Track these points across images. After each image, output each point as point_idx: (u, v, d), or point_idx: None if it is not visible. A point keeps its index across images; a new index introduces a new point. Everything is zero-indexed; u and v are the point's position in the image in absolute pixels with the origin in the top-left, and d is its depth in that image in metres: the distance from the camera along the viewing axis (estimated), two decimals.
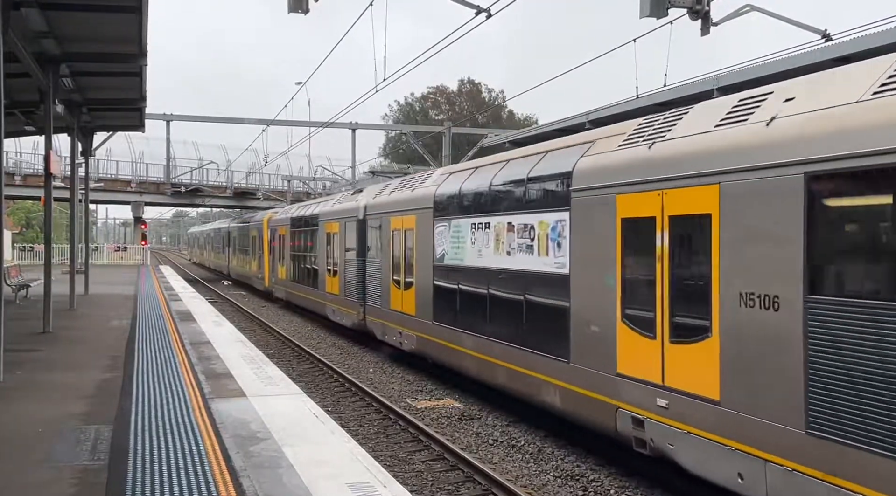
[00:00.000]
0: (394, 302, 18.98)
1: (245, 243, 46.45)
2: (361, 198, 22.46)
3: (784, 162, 7.33)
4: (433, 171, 18.67)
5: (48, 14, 14.33)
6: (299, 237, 30.94)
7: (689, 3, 13.25)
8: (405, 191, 18.95)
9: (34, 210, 79.64)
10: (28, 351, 14.18)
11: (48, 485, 6.76)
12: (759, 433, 7.52)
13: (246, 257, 46.24)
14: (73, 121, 22.52)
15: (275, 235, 36.25)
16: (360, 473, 7.07)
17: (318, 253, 27.30)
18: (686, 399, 8.55)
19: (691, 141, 8.75)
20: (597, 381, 10.22)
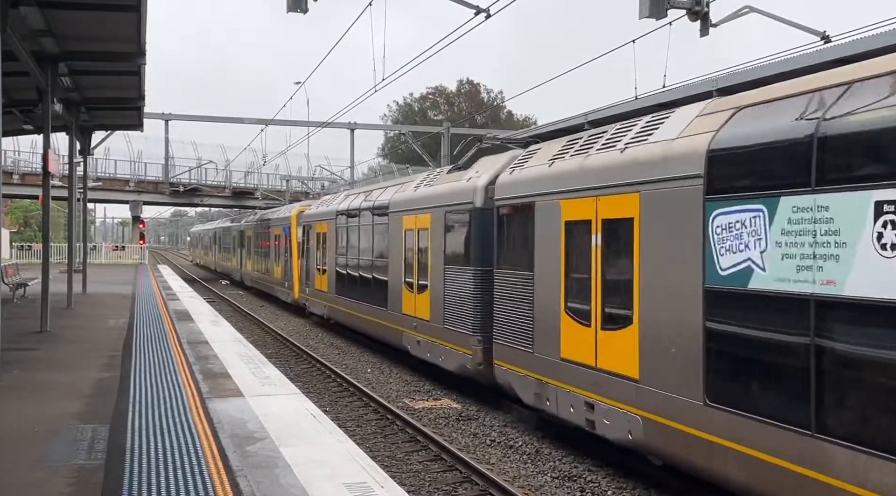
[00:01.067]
0: (571, 346, 11.04)
1: (264, 244, 39.35)
2: (476, 174, 15.12)
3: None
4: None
5: (47, 13, 14.31)
6: (352, 235, 22.97)
7: (688, 4, 13.27)
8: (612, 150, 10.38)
9: (32, 209, 79.62)
10: (25, 350, 14.16)
11: (44, 484, 6.74)
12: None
13: (265, 260, 39.18)
14: (72, 120, 22.50)
15: (309, 233, 28.52)
16: (358, 473, 7.07)
17: (390, 257, 19.34)
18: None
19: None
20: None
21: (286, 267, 33.31)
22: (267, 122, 49.41)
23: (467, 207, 14.75)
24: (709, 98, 10.30)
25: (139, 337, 15.93)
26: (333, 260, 24.70)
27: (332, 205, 25.87)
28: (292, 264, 32.01)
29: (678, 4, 13.28)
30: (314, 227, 27.57)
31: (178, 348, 14.52)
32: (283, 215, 35.57)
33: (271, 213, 40.49)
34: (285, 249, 33.52)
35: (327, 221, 25.76)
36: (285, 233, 33.81)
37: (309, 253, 28.32)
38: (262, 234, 40.46)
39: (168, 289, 30.80)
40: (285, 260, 33.53)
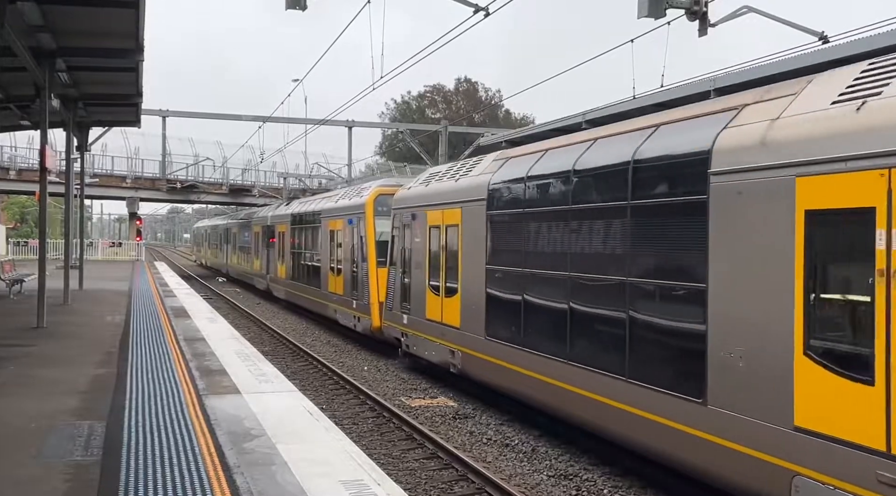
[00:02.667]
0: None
1: (307, 242, 29.04)
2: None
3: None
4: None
5: (44, 8, 14.29)
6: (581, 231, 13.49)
7: (686, 3, 13.27)
8: None
9: (29, 205, 79.50)
10: (21, 346, 14.15)
11: (41, 480, 6.74)
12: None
13: (312, 266, 27.90)
14: (69, 116, 22.48)
15: (412, 228, 17.47)
16: (354, 471, 7.07)
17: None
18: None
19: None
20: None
21: (353, 278, 22.41)
22: (264, 119, 49.38)
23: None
24: (707, 98, 10.34)
25: (136, 333, 15.92)
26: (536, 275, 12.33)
27: (473, 175, 14.77)
28: (367, 273, 21.28)
29: (677, 4, 13.28)
30: (425, 217, 16.44)
31: (175, 345, 14.51)
32: (345, 203, 24.12)
33: (316, 200, 29.49)
34: (352, 252, 22.65)
35: (463, 206, 14.63)
36: (351, 227, 22.87)
37: (411, 259, 17.37)
38: (302, 229, 29.91)
39: (165, 285, 30.76)
40: (352, 268, 22.62)
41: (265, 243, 37.80)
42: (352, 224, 22.75)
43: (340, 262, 24.05)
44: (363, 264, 21.46)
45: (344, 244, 23.74)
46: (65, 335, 15.80)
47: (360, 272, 21.83)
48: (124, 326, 17.15)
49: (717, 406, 7.94)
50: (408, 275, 17.49)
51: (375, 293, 20.61)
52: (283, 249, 33.44)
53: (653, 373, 9.10)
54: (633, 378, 9.43)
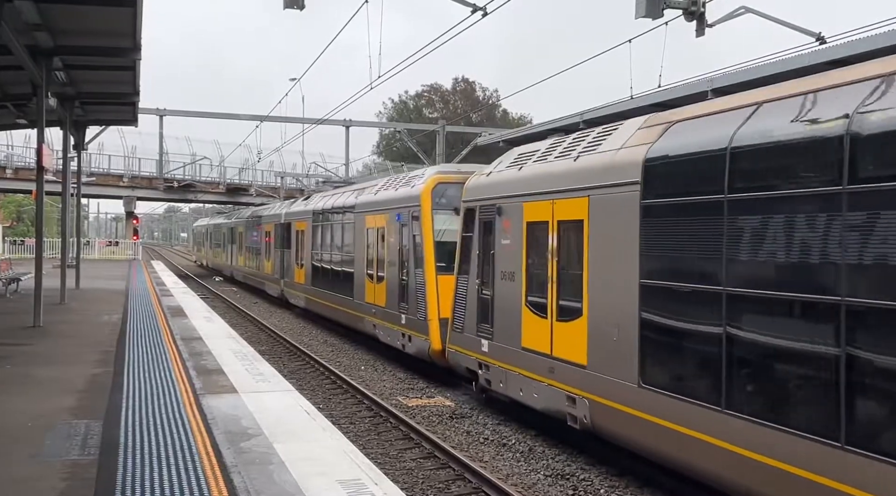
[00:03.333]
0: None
1: (337, 244, 24.06)
2: None
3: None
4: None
5: (42, 7, 14.27)
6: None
7: (684, 4, 13.28)
8: None
9: (25, 204, 79.36)
10: (18, 345, 14.13)
11: (37, 479, 6.73)
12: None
13: (341, 272, 23.14)
14: (66, 114, 22.45)
15: (499, 225, 13.17)
16: (351, 470, 7.07)
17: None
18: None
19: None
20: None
21: (402, 287, 17.83)
22: (262, 118, 49.31)
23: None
24: (705, 98, 10.36)
25: (133, 332, 15.91)
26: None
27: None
28: (422, 282, 16.63)
29: (674, 4, 13.30)
30: (519, 211, 12.41)
31: (172, 344, 14.50)
32: (389, 195, 19.37)
33: (345, 193, 24.36)
34: (401, 254, 17.91)
35: (591, 194, 10.62)
36: (398, 224, 18.21)
37: (494, 267, 13.15)
38: (328, 227, 25.29)
39: (161, 285, 30.74)
40: (400, 275, 17.91)
41: (279, 243, 32.67)
42: (400, 220, 18.09)
43: (382, 267, 19.33)
44: (417, 270, 16.94)
45: (388, 245, 18.95)
46: (61, 334, 15.78)
47: (411, 280, 17.25)
48: (121, 325, 17.14)
49: None
50: (489, 287, 13.11)
51: (435, 307, 16.16)
52: (303, 251, 28.38)
53: None
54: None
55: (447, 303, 15.49)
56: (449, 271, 15.60)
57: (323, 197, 27.54)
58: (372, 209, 20.46)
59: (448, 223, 16.63)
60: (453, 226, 15.96)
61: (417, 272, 16.99)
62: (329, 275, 24.79)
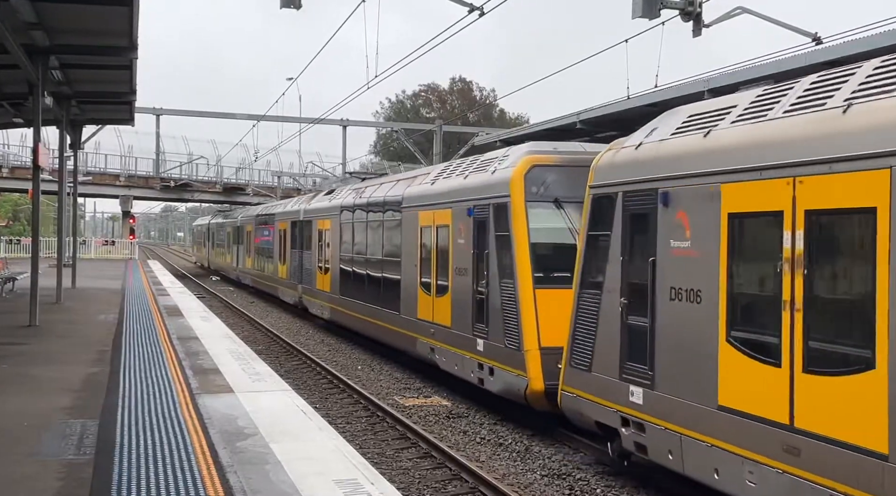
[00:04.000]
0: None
1: (376, 246, 19.87)
2: None
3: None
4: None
5: (38, 5, 14.25)
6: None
7: (681, 4, 13.30)
8: None
9: (21, 203, 79.24)
10: (14, 344, 14.11)
11: (33, 478, 6.72)
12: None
13: (383, 279, 19.15)
14: (62, 113, 22.41)
15: (667, 218, 8.98)
16: (348, 470, 7.07)
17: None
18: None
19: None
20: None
21: (478, 302, 13.87)
22: (258, 117, 49.30)
23: None
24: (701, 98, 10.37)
25: (129, 332, 15.89)
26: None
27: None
28: (514, 297, 12.70)
29: (671, 4, 13.31)
30: (714, 199, 8.32)
31: (168, 344, 14.49)
32: (457, 184, 15.16)
33: (386, 184, 20.31)
34: (476, 260, 14.00)
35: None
36: (471, 220, 14.23)
37: (656, 280, 9.15)
38: (363, 226, 21.14)
39: (158, 284, 30.71)
40: (476, 286, 13.96)
41: (297, 244, 28.76)
42: (473, 216, 13.92)
43: (445, 275, 15.06)
44: (504, 282, 12.83)
45: (455, 248, 14.63)
46: (58, 334, 15.76)
47: (494, 294, 13.12)
48: (117, 325, 17.12)
49: None
50: (643, 309, 9.14)
51: (534, 332, 12.15)
52: (327, 253, 24.35)
53: None
54: None
55: (552, 327, 11.87)
56: (552, 283, 12.34)
57: (352, 190, 23.45)
58: (428, 203, 16.29)
59: (549, 219, 12.89)
60: (556, 222, 12.80)
61: (505, 284, 12.89)
62: (364, 282, 20.63)
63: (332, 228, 24.17)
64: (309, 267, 27.02)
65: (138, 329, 16.44)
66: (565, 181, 12.75)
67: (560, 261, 12.27)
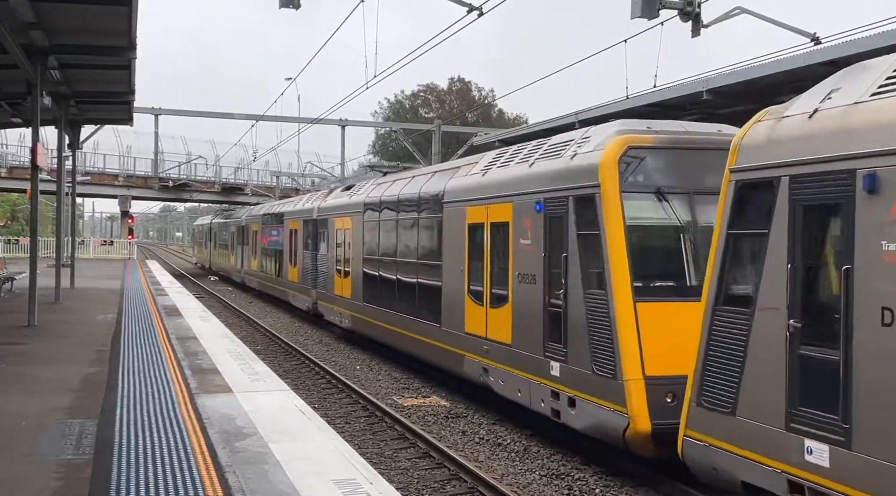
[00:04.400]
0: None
1: (410, 247, 17.55)
2: None
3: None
4: None
5: (37, 5, 14.24)
6: None
7: (679, 4, 13.30)
8: None
9: (19, 203, 79.17)
10: (12, 344, 14.10)
11: (32, 478, 6.72)
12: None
13: (418, 286, 16.83)
14: (61, 113, 22.39)
15: None
16: (346, 470, 7.07)
17: None
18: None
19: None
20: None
21: (552, 316, 11.37)
22: (257, 117, 49.26)
23: None
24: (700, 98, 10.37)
25: (128, 332, 15.88)
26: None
27: None
28: (607, 313, 10.15)
29: (670, 4, 13.31)
30: None
31: (167, 344, 14.48)
32: (521, 172, 12.70)
33: (422, 177, 17.87)
34: (548, 264, 11.56)
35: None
36: (540, 217, 11.78)
37: (847, 294, 6.57)
38: (392, 225, 18.73)
39: (157, 284, 30.69)
40: (548, 298, 11.50)
41: (310, 245, 26.52)
42: (543, 211, 11.42)
43: (503, 283, 12.72)
44: (592, 292, 10.33)
45: (517, 249, 12.26)
46: (56, 333, 15.75)
47: (575, 307, 10.62)
48: (116, 325, 17.11)
49: None
50: (832, 338, 6.73)
51: (637, 357, 9.68)
52: (347, 255, 22.00)
53: None
54: None
55: (659, 351, 9.62)
56: (657, 295, 10.05)
57: (376, 185, 20.97)
58: (478, 197, 13.88)
59: (650, 214, 10.46)
60: (659, 218, 10.41)
61: (593, 295, 10.36)
62: (394, 289, 18.15)
63: (353, 228, 21.72)
64: (325, 270, 24.79)
65: (137, 329, 16.43)
66: (669, 167, 10.44)
67: (666, 267, 10.21)
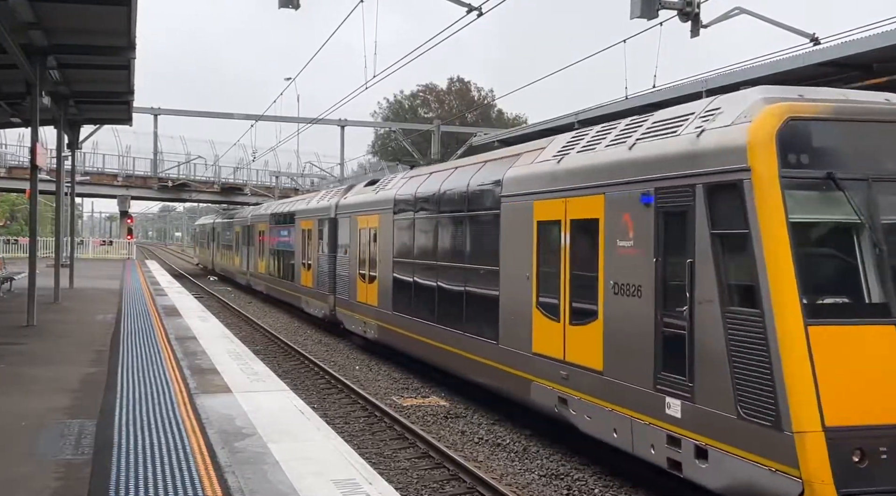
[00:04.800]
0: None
1: (464, 250, 14.55)
2: None
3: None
4: None
5: (36, 5, 14.24)
6: None
7: (679, 4, 13.31)
8: None
9: (19, 203, 79.14)
10: (11, 344, 14.09)
11: (31, 478, 6.72)
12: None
13: (473, 296, 14.09)
14: (60, 113, 22.38)
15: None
16: (346, 470, 7.07)
17: None
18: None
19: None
20: None
21: (685, 350, 8.53)
22: (256, 117, 49.26)
23: None
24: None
25: (127, 332, 15.87)
26: None
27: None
28: (762, 343, 7.55)
29: (669, 5, 13.32)
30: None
31: (166, 344, 14.47)
32: (600, 160, 10.41)
33: (465, 168, 15.52)
34: (657, 273, 9.06)
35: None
36: (647, 211, 9.29)
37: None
38: (432, 224, 16.28)
39: (156, 284, 30.68)
40: (661, 320, 9.00)
41: (327, 247, 24.10)
42: (653, 204, 9.11)
43: (590, 294, 10.37)
44: (735, 310, 7.93)
45: (612, 252, 9.90)
46: (55, 333, 15.74)
47: (705, 326, 8.30)
48: (115, 325, 17.10)
49: None
50: None
51: (811, 399, 7.20)
52: (373, 258, 19.63)
53: None
54: None
55: (843, 392, 7.25)
56: (837, 316, 7.62)
57: (408, 179, 18.63)
58: (553, 189, 11.48)
59: (822, 209, 7.95)
60: (836, 214, 7.88)
61: (741, 315, 7.88)
62: (432, 297, 15.84)
63: (382, 227, 19.30)
64: (345, 274, 22.45)
65: (136, 329, 16.42)
66: (843, 145, 7.97)
67: (848, 280, 7.85)
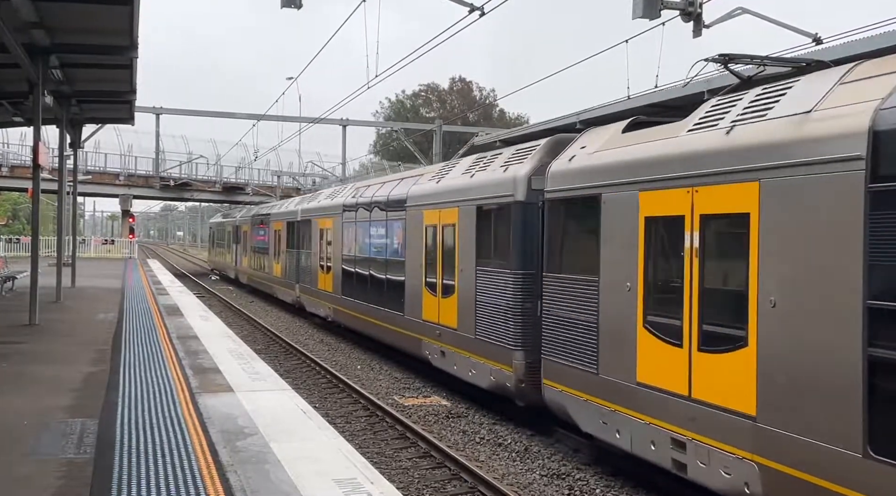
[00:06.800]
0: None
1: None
2: None
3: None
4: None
5: (39, 5, 14.24)
6: None
7: (681, 4, 13.29)
8: None
9: (20, 202, 79.22)
10: (14, 343, 14.11)
11: (33, 477, 6.72)
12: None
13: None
14: (62, 112, 22.39)
15: None
16: (347, 469, 7.08)
17: None
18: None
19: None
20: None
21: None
22: (258, 117, 49.26)
23: None
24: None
25: (128, 331, 15.88)
26: None
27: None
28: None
29: (671, 5, 13.31)
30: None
31: (168, 343, 14.49)
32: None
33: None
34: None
35: None
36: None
37: None
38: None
39: (157, 283, 30.71)
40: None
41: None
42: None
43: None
44: None
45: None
46: (57, 332, 15.75)
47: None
48: (117, 324, 17.11)
49: None
50: None
51: None
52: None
53: None
54: None
55: None
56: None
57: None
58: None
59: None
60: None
61: None
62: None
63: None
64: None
65: (138, 328, 16.44)
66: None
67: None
